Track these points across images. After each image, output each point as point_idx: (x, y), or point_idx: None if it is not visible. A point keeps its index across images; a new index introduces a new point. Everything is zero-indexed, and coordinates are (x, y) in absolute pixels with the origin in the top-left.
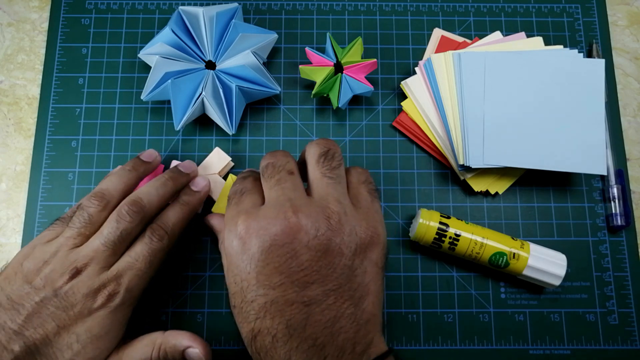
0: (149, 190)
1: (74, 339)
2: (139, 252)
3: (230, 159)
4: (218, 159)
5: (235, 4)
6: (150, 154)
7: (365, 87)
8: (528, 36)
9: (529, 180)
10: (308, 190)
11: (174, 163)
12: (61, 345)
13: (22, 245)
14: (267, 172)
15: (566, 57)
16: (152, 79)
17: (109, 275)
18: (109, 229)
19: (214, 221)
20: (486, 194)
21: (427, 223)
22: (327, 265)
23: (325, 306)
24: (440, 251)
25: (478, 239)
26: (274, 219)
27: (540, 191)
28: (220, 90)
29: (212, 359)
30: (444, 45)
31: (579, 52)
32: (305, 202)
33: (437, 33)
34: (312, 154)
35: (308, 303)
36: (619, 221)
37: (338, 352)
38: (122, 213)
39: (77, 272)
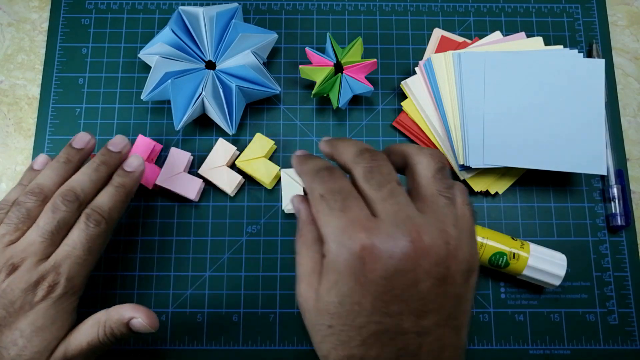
0: (82, 177)
1: (17, 334)
2: (76, 240)
3: (235, 148)
4: (223, 150)
5: (235, 4)
6: (81, 140)
7: (365, 87)
8: (528, 36)
9: (529, 180)
10: (416, 204)
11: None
12: (5, 343)
13: None
14: (373, 178)
15: (566, 57)
16: (152, 79)
17: (47, 266)
18: (45, 220)
19: (303, 207)
20: (486, 194)
21: None
22: (443, 293)
23: (435, 336)
24: None
25: (478, 239)
26: (399, 241)
27: (540, 191)
28: (220, 90)
29: (211, 358)
30: (444, 45)
31: (579, 52)
32: (424, 222)
33: (437, 33)
34: (427, 166)
35: (421, 333)
36: (619, 221)
37: None
38: (56, 203)
39: (13, 268)
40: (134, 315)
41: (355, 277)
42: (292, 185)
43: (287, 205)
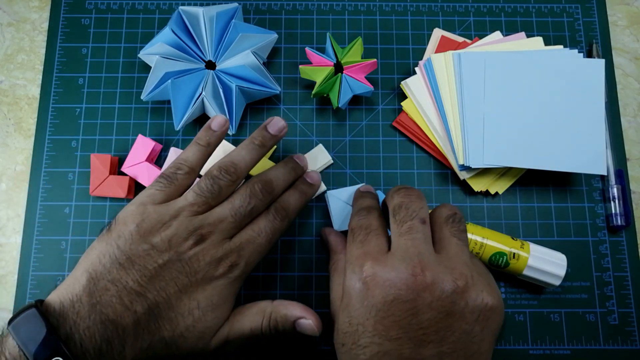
0: (278, 174)
1: (194, 304)
2: (262, 228)
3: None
4: (223, 150)
5: (235, 4)
6: (276, 125)
7: (365, 87)
8: (528, 36)
9: (529, 180)
10: (434, 247)
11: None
12: (183, 310)
13: (22, 245)
14: (399, 214)
15: (566, 57)
16: (152, 79)
17: (232, 246)
18: (241, 202)
19: (332, 238)
20: (486, 194)
21: None
22: (447, 327)
23: None
24: None
25: (478, 239)
26: (401, 273)
27: (540, 191)
28: (220, 90)
29: (211, 358)
30: (444, 45)
31: (579, 52)
32: (434, 260)
33: (437, 33)
34: (441, 214)
35: None
36: (619, 221)
37: None
38: (255, 190)
39: (202, 239)
40: (303, 315)
41: (360, 300)
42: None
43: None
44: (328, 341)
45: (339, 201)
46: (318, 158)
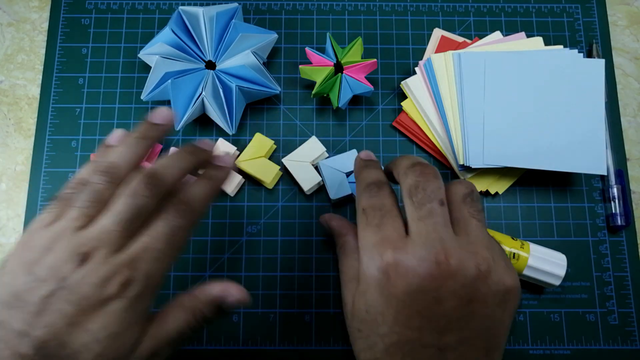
0: (168, 162)
1: (90, 338)
2: (159, 230)
3: (235, 147)
4: (223, 150)
5: (235, 4)
6: (159, 114)
7: (365, 87)
8: (528, 36)
9: (529, 180)
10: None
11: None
12: (77, 347)
13: None
14: (416, 195)
15: (566, 57)
16: (152, 79)
17: (122, 260)
18: (122, 206)
19: (334, 223)
20: (486, 194)
21: None
22: (470, 313)
23: (459, 353)
24: None
25: None
26: (425, 261)
27: (540, 191)
28: (220, 90)
29: (211, 358)
30: (444, 45)
31: (579, 52)
32: (456, 245)
33: (437, 33)
34: (457, 192)
35: (443, 348)
36: (619, 221)
37: None
38: (137, 187)
39: (85, 258)
40: (223, 292)
41: (380, 289)
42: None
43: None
44: (326, 340)
45: (332, 169)
46: (312, 150)
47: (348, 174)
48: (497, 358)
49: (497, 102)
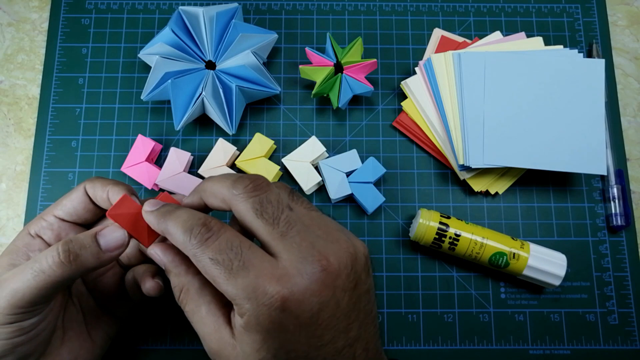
0: None
1: None
2: None
3: (235, 148)
4: (223, 150)
5: (235, 4)
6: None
7: (365, 87)
8: (528, 36)
9: (529, 180)
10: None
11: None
12: None
13: None
14: (266, 212)
15: (566, 57)
16: (152, 79)
17: None
18: None
19: (165, 254)
20: (486, 194)
21: (427, 223)
22: (357, 298)
23: (362, 338)
24: (440, 251)
25: (478, 239)
26: (313, 276)
27: (540, 191)
28: (220, 90)
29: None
30: (444, 45)
31: (579, 52)
32: (323, 242)
33: (437, 33)
34: (283, 195)
35: (352, 343)
36: (619, 221)
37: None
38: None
39: None
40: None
41: (284, 328)
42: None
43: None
44: None
45: (332, 169)
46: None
47: (348, 174)
48: (376, 320)
49: (497, 102)
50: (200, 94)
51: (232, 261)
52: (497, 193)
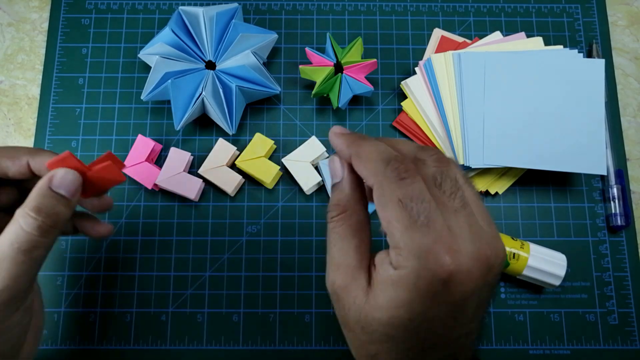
0: None
1: None
2: None
3: (235, 148)
4: (223, 150)
5: (235, 4)
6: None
7: (365, 87)
8: (528, 36)
9: (529, 180)
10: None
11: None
12: None
13: None
14: (444, 183)
15: (566, 57)
16: (152, 79)
17: None
18: None
19: (342, 172)
20: (486, 194)
21: None
22: (488, 295)
23: (474, 334)
24: None
25: None
26: (477, 261)
27: (540, 191)
28: (220, 90)
29: (211, 358)
30: (444, 45)
31: (579, 52)
32: (489, 233)
33: (437, 33)
34: (452, 173)
35: (468, 333)
36: (619, 221)
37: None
38: None
39: None
40: (48, 177)
41: (434, 299)
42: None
43: (307, 189)
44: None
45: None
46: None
47: None
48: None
49: (497, 102)
50: (200, 94)
51: (419, 213)
52: (497, 193)
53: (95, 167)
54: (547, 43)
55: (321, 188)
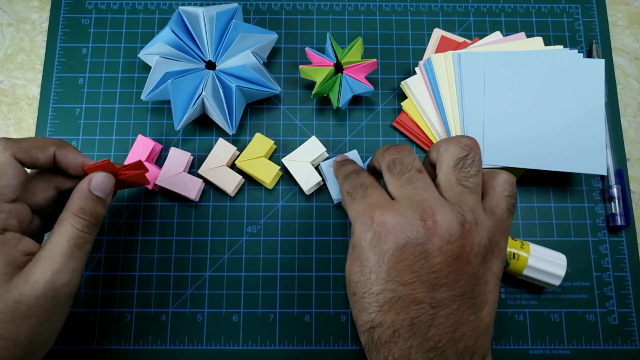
0: None
1: None
2: None
3: (235, 148)
4: (223, 150)
5: (235, 4)
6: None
7: (365, 87)
8: (528, 36)
9: (529, 180)
10: (438, 190)
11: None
12: None
13: None
14: (394, 168)
15: (566, 57)
16: (152, 79)
17: None
18: None
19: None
20: None
21: None
22: (456, 271)
23: (450, 310)
24: None
25: None
26: (411, 218)
27: (540, 191)
28: (220, 90)
29: (211, 358)
30: (444, 45)
31: (579, 52)
32: (440, 204)
33: (437, 33)
34: (450, 155)
35: (434, 305)
36: (619, 221)
37: (457, 359)
38: None
39: None
40: (87, 181)
41: (372, 248)
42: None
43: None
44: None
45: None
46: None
47: None
48: (487, 316)
49: (497, 102)
50: (200, 94)
51: (357, 193)
52: None
53: (128, 172)
54: (547, 43)
55: (321, 188)
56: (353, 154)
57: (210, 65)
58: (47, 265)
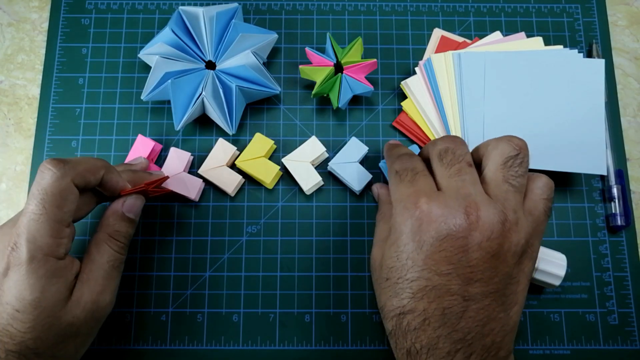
0: None
1: (9, 309)
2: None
3: (235, 148)
4: (223, 150)
5: (235, 4)
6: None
7: (365, 87)
8: (528, 36)
9: None
10: (483, 186)
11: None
12: (4, 321)
13: None
14: (445, 158)
15: (566, 57)
16: (152, 79)
17: (13, 231)
18: None
19: (382, 191)
20: None
21: None
22: (492, 268)
23: (481, 305)
24: None
25: None
26: (455, 211)
27: None
28: (220, 90)
29: (211, 358)
30: (444, 45)
31: (579, 52)
32: (484, 201)
33: (437, 33)
34: (500, 153)
35: (467, 298)
36: (619, 221)
37: (483, 353)
38: None
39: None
40: (121, 203)
41: (412, 235)
42: (298, 169)
43: (308, 189)
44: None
45: (344, 165)
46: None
47: (361, 162)
48: (515, 315)
49: (497, 102)
50: (200, 94)
51: (407, 176)
52: None
53: (156, 189)
54: (547, 43)
55: (321, 188)
56: (352, 142)
57: (210, 65)
58: (92, 287)
